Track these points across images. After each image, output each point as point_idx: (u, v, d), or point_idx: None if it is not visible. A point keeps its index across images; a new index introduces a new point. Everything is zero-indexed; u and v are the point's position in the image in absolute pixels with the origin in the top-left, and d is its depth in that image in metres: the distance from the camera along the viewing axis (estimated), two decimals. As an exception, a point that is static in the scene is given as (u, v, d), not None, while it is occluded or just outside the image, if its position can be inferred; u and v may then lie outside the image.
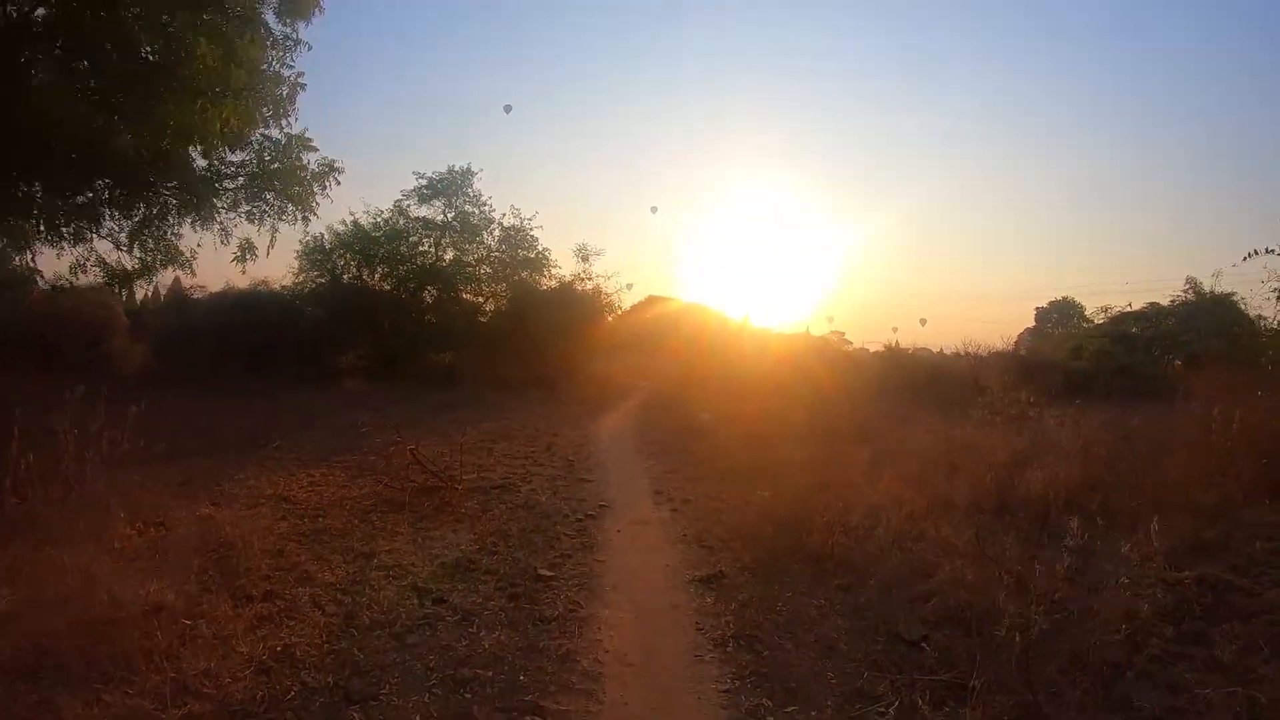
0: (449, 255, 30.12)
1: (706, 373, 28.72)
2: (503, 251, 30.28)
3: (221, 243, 22.04)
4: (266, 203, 22.28)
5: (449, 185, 29.90)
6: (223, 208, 21.95)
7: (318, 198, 22.77)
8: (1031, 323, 60.18)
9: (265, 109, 20.12)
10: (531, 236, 30.44)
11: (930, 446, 13.42)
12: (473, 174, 30.18)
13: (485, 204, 30.40)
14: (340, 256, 29.25)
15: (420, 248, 29.96)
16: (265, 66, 19.41)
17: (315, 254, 28.93)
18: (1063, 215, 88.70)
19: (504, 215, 30.59)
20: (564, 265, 31.08)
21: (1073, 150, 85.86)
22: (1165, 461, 10.45)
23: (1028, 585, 6.22)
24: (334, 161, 22.72)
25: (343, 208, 38.48)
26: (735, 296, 55.58)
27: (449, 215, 30.06)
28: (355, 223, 29.43)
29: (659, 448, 15.75)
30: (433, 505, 9.98)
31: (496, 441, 15.64)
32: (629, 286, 33.00)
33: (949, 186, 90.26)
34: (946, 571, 7.10)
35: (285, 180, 22.00)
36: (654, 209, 48.65)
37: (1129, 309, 37.02)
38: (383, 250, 29.09)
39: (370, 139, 79.72)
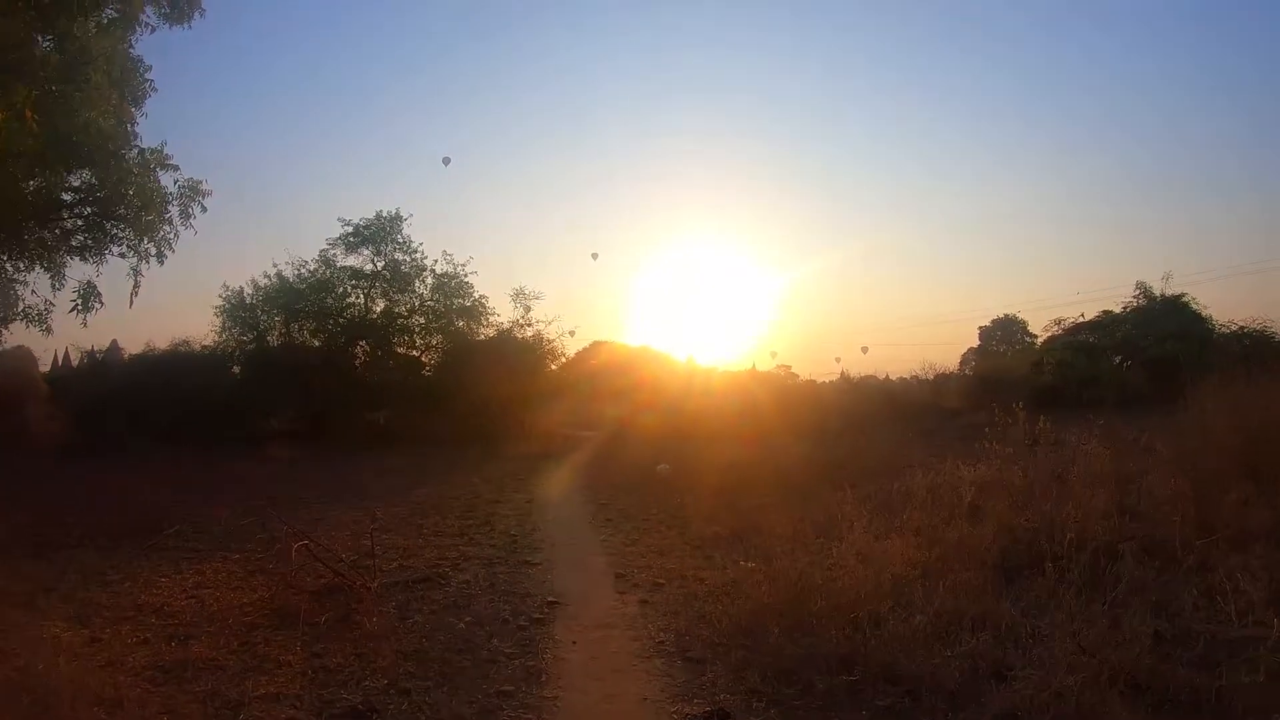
0: (379, 306, 27.60)
1: (658, 417, 26.60)
2: (436, 301, 27.84)
3: (54, 287, 18.98)
4: (108, 234, 18.85)
5: (378, 232, 27.52)
6: (51, 242, 18.44)
7: (176, 227, 19.89)
8: (976, 342, 59.26)
9: (93, 100, 16.19)
10: (466, 284, 28.17)
11: (928, 486, 11.31)
12: (402, 219, 27.85)
13: (417, 251, 28.13)
14: (264, 312, 26.60)
15: (348, 300, 27.48)
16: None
17: (238, 310, 26.31)
18: (1000, 235, 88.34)
19: (436, 262, 28.30)
20: (503, 313, 28.95)
21: (1006, 169, 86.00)
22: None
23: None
24: (199, 183, 20.18)
25: (266, 260, 35.58)
26: (679, 337, 53.86)
27: (378, 264, 27.64)
28: (279, 275, 26.91)
29: (615, 511, 13.50)
30: (336, 615, 7.56)
31: (427, 514, 13.29)
32: (571, 333, 30.76)
33: (883, 216, 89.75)
34: (1028, 676, 5.06)
35: (133, 206, 18.44)
36: (595, 255, 47.50)
37: (1082, 319, 36.12)
38: (308, 304, 26.48)
39: (298, 188, 76.59)
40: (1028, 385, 30.12)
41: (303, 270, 27.10)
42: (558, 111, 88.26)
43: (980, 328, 59.24)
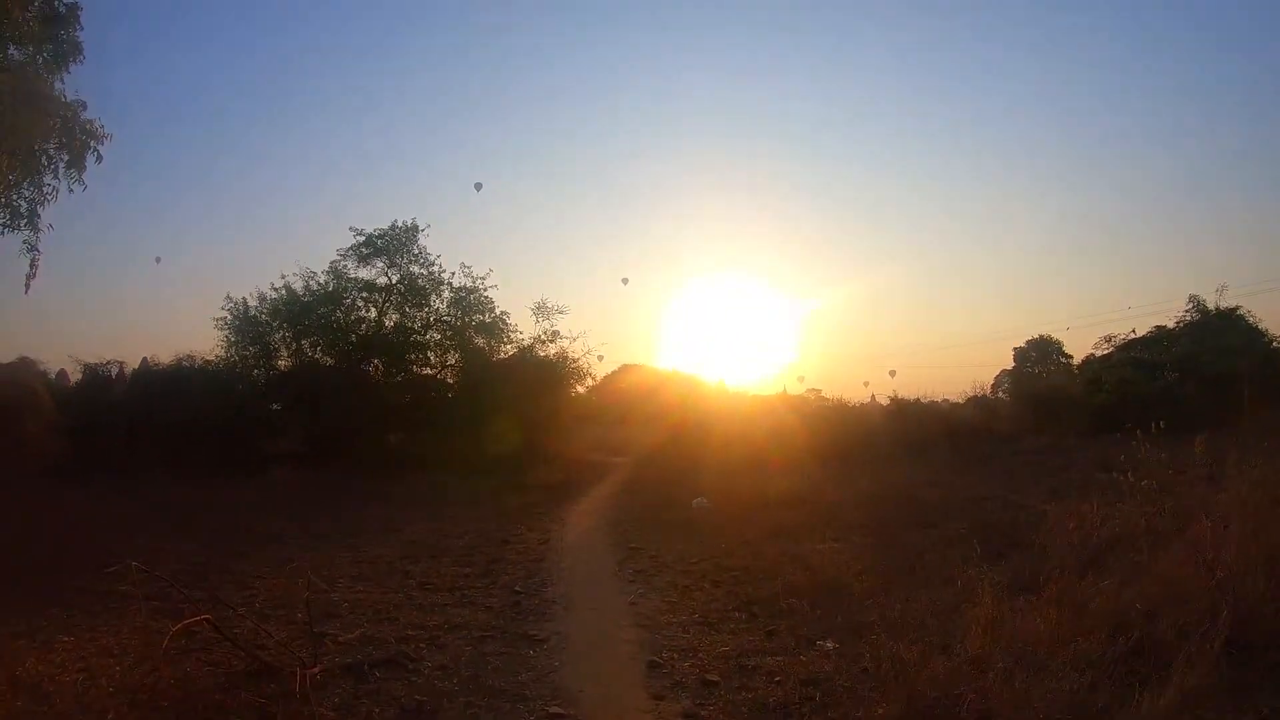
0: (392, 321, 25.11)
1: (691, 444, 23.90)
2: (453, 316, 25.25)
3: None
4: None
5: (392, 243, 24.98)
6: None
7: (60, 174, 16.51)
8: (1010, 364, 56.75)
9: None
10: (486, 299, 25.36)
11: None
12: (419, 230, 25.28)
13: (434, 264, 25.48)
14: (271, 326, 24.27)
15: (360, 314, 25.05)
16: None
17: (243, 324, 24.00)
18: (1033, 253, 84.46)
19: (453, 275, 25.62)
20: (525, 330, 26.03)
21: (1034, 189, 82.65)
22: None
23: None
24: (94, 124, 16.78)
25: (275, 272, 33.14)
26: (708, 361, 51.30)
27: (393, 277, 25.11)
28: (287, 287, 24.50)
29: (647, 558, 10.77)
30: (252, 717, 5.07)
31: (419, 558, 10.80)
32: (600, 357, 27.86)
33: (910, 240, 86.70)
34: None
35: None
36: (625, 280, 45.27)
37: (1133, 335, 33.62)
38: (317, 318, 24.09)
39: (320, 206, 75.07)
40: (1084, 406, 27.38)
41: (312, 282, 24.69)
42: (589, 136, 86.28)
43: (1015, 349, 56.50)
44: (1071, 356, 49.98)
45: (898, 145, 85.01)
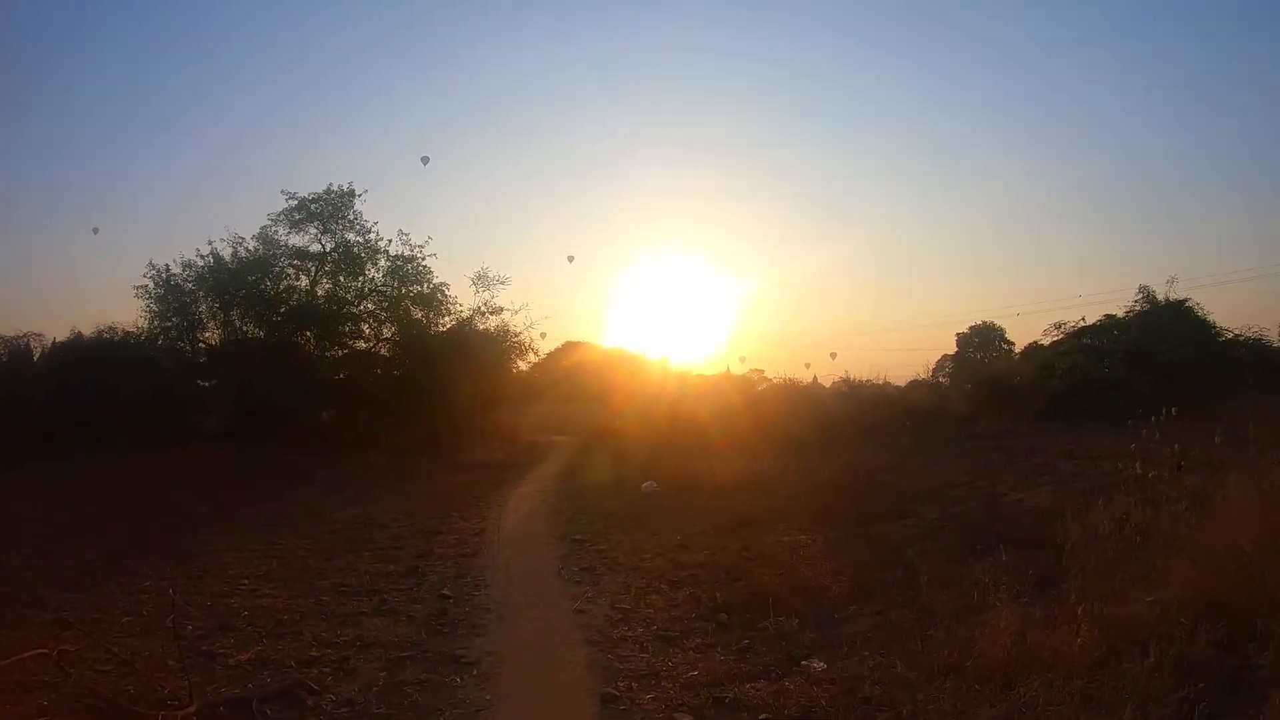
0: (324, 291, 23.46)
1: (636, 424, 22.71)
2: (390, 286, 23.68)
3: None
4: None
5: (327, 208, 23.29)
6: None
7: None
8: (952, 349, 55.43)
9: None
10: (424, 268, 23.88)
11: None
12: (355, 195, 23.68)
13: (371, 231, 23.91)
14: (197, 296, 22.43)
15: (291, 282, 23.38)
16: None
17: (167, 294, 22.12)
18: (981, 239, 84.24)
19: (390, 242, 24.07)
20: (466, 303, 24.69)
21: (981, 172, 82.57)
22: None
23: None
24: None
25: (199, 237, 30.68)
26: (652, 339, 50.23)
27: (326, 244, 23.45)
28: (214, 254, 22.69)
29: (595, 552, 9.56)
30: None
31: (337, 553, 9.50)
32: (542, 335, 26.28)
33: (852, 222, 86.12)
34: None
35: None
36: (570, 258, 44.10)
37: (1083, 323, 32.98)
38: (245, 287, 22.29)
39: (256, 172, 71.47)
40: (1037, 392, 26.86)
41: (240, 249, 23.02)
42: (533, 114, 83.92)
43: (958, 334, 55.47)
44: (1014, 343, 50.27)
45: (844, 124, 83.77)
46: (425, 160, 36.32)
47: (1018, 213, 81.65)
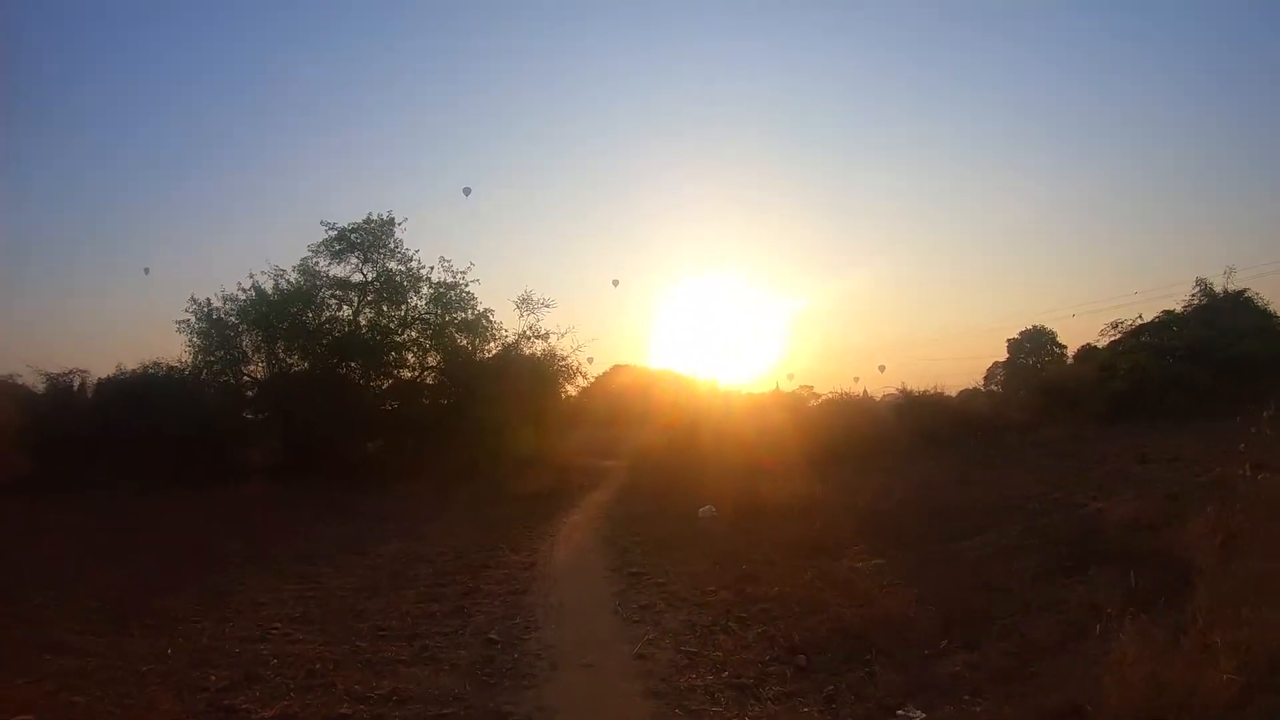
0: (366, 320, 23.14)
1: (687, 446, 21.95)
2: (434, 314, 23.24)
3: None
4: None
5: (367, 238, 22.95)
6: None
7: None
8: (1003, 355, 54.14)
9: None
10: (468, 294, 23.39)
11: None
12: (395, 224, 23.30)
13: (413, 260, 23.47)
14: (239, 330, 22.22)
15: (333, 313, 23.02)
16: None
17: (210, 327, 21.96)
18: (1022, 244, 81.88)
19: (431, 269, 23.59)
20: (511, 328, 24.09)
21: (1027, 177, 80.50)
22: None
23: None
24: None
25: (241, 271, 30.54)
26: (699, 360, 49.33)
27: (368, 274, 23.07)
28: (255, 287, 22.44)
29: (654, 586, 8.78)
30: None
31: (379, 591, 8.86)
32: (590, 360, 25.52)
33: (896, 237, 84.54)
34: None
35: None
36: (615, 282, 43.66)
37: (1140, 320, 31.63)
38: (287, 320, 22.01)
39: (300, 208, 72.30)
40: (1099, 394, 25.60)
41: (281, 281, 22.71)
42: (576, 135, 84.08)
43: (1009, 340, 54.06)
44: (1065, 346, 49.42)
45: (884, 136, 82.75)
46: (467, 191, 36.21)
47: (1060, 213, 79.94)
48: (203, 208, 71.93)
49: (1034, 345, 53.25)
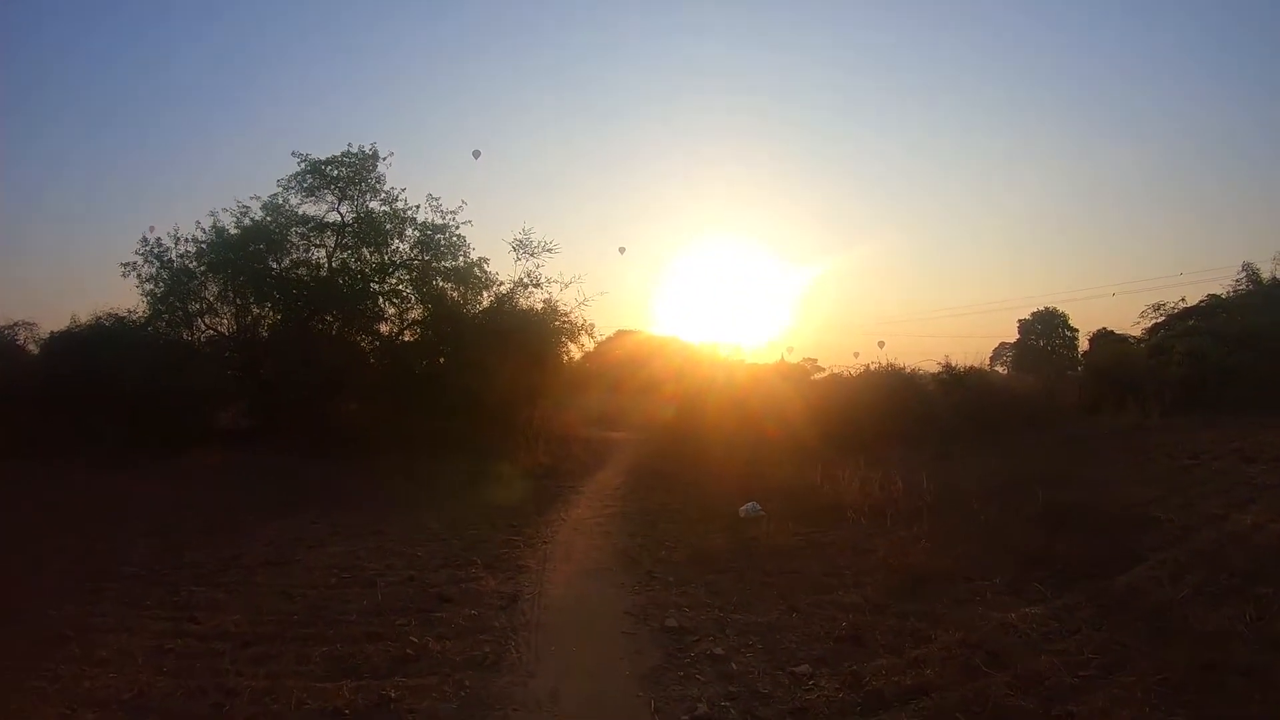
0: (338, 263, 19.60)
1: (701, 421, 18.55)
2: (418, 259, 19.64)
3: None
4: None
5: (347, 173, 19.31)
6: None
7: None
8: (1012, 336, 51.67)
9: None
10: (458, 237, 19.59)
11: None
12: (379, 158, 19.61)
13: (398, 200, 19.72)
14: (195, 274, 18.76)
15: (301, 255, 19.52)
16: None
17: (161, 269, 18.67)
18: (1018, 227, 78.05)
19: (416, 208, 19.82)
20: (506, 277, 20.19)
21: (1025, 159, 76.53)
22: None
23: None
24: None
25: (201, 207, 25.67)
26: (702, 328, 45.89)
27: (345, 213, 19.48)
28: (215, 227, 18.91)
29: (712, 664, 5.22)
30: None
31: (267, 649, 5.48)
32: (592, 326, 21.60)
33: (900, 212, 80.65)
34: None
35: None
36: (622, 249, 40.50)
37: (1183, 303, 28.76)
38: (248, 261, 18.62)
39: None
40: (1156, 379, 22.39)
41: (245, 219, 19.07)
42: (584, 105, 79.99)
43: (1019, 320, 51.42)
44: (1077, 330, 47.25)
45: (901, 105, 78.57)
46: (477, 154, 32.54)
47: (1075, 197, 76.18)
48: (178, 151, 67.06)
49: (1045, 327, 50.75)
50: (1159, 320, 30.10)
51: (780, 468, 12.96)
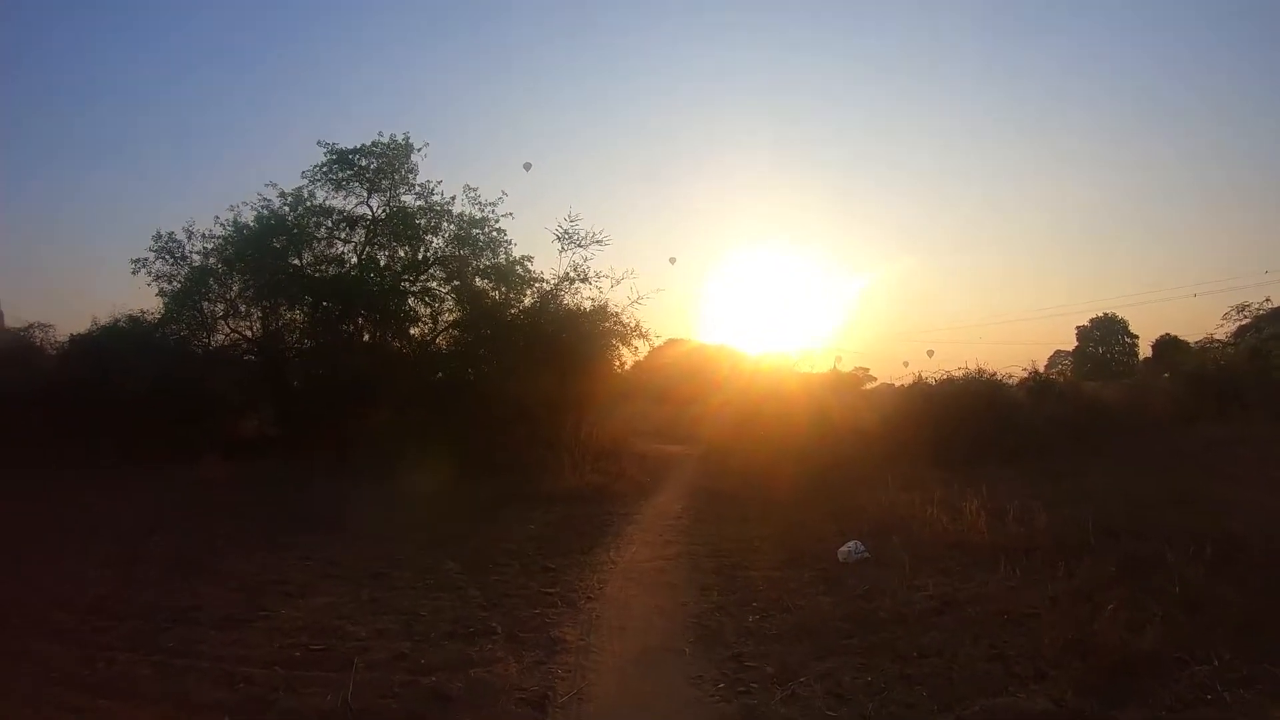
0: (377, 264, 17.72)
1: (765, 434, 16.34)
2: (455, 254, 17.62)
3: None
4: None
5: (378, 164, 17.50)
6: None
7: None
8: (1072, 343, 49.79)
9: None
10: (498, 232, 17.60)
11: None
12: (413, 149, 17.82)
13: (435, 194, 17.84)
14: (213, 272, 17.23)
15: (325, 250, 17.78)
16: None
17: (174, 267, 17.36)
18: (1096, 229, 74.01)
19: (452, 200, 17.86)
20: (551, 273, 18.06)
21: (1080, 166, 72.67)
22: None
23: None
24: None
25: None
26: (750, 336, 43.72)
27: (376, 208, 17.69)
28: (235, 222, 17.32)
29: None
30: None
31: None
32: (645, 334, 19.20)
33: (946, 221, 77.19)
34: None
35: None
36: (673, 260, 38.78)
37: (1268, 304, 27.48)
38: (270, 257, 16.97)
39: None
40: (1258, 384, 20.31)
41: (264, 211, 17.33)
42: (636, 116, 78.17)
43: (1078, 328, 49.52)
44: (1137, 336, 46.43)
45: (958, 108, 75.07)
46: (528, 166, 30.86)
47: (1121, 199, 72.41)
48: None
49: (1104, 334, 49.04)
50: (1244, 322, 27.80)
51: (865, 489, 10.73)
